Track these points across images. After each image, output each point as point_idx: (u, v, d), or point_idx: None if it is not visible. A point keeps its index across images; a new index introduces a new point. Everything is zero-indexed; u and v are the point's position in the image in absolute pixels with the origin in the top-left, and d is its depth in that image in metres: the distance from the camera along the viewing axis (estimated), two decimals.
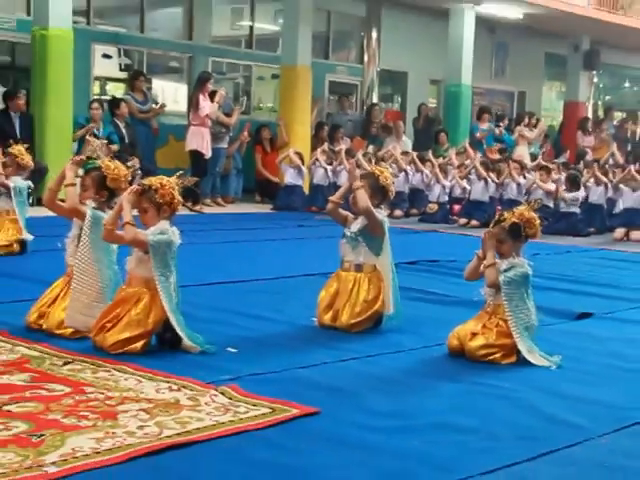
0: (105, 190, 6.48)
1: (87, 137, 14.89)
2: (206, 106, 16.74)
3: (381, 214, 7.00)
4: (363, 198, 6.80)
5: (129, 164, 7.41)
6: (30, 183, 10.22)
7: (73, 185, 6.49)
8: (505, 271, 6.09)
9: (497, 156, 19.31)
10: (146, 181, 6.14)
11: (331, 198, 7.19)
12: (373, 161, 16.12)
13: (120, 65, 19.54)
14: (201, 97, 16.82)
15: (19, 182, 9.94)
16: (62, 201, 6.65)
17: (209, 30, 20.86)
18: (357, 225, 6.96)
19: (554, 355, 6.08)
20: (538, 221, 6.27)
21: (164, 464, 3.97)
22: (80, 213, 6.42)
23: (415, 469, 4.01)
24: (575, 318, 7.71)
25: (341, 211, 7.17)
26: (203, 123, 16.73)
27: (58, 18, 15.22)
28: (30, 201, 10.10)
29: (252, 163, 18.74)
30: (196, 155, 16.35)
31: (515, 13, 22.68)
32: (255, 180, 18.86)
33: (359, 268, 6.93)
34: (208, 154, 16.58)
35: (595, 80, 28.29)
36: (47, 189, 6.87)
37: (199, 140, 16.64)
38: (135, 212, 6.02)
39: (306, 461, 4.08)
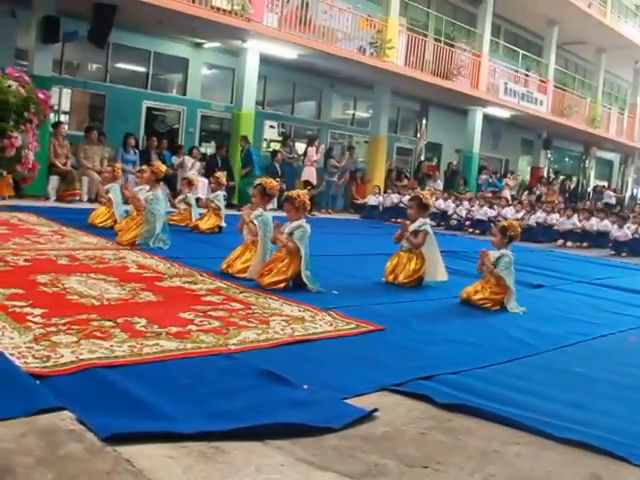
0: (266, 196, 6.55)
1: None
2: (313, 154, 16.66)
3: (427, 223, 6.92)
4: (417, 243, 6.74)
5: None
6: (225, 194, 10.36)
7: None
8: (498, 258, 6.06)
9: (490, 195, 19.02)
10: (290, 193, 6.21)
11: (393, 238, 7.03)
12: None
13: (279, 132, 19.64)
14: (310, 149, 16.76)
15: (220, 194, 10.13)
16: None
17: (330, 114, 20.85)
18: (412, 227, 6.88)
19: (522, 306, 5.99)
20: (519, 229, 6.27)
21: (295, 350, 3.97)
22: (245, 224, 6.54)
23: (439, 362, 3.96)
24: (534, 287, 7.58)
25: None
26: (312, 164, 16.64)
27: (247, 105, 15.34)
28: (225, 204, 10.19)
29: (349, 191, 18.66)
30: (307, 183, 16.07)
31: (505, 114, 22.30)
32: (351, 200, 18.79)
33: (411, 250, 6.86)
34: (315, 182, 16.37)
35: (549, 155, 27.78)
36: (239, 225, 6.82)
37: (309, 175, 16.53)
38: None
39: (375, 355, 4.05)
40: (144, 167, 8.69)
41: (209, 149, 17.28)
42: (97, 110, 15.64)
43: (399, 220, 6.76)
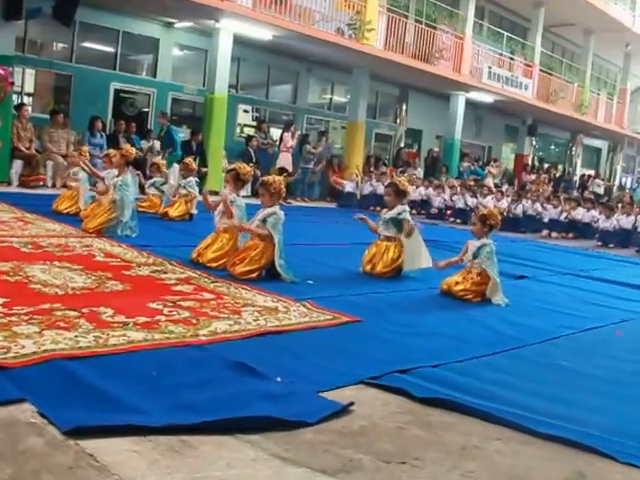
0: (239, 181, 6.52)
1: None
2: (289, 140, 16.64)
3: (406, 211, 6.93)
4: (408, 229, 6.76)
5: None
6: (197, 180, 10.31)
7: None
8: (479, 248, 6.09)
9: (472, 183, 19.10)
10: (265, 178, 6.20)
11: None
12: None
13: (253, 116, 19.56)
14: (285, 134, 16.77)
15: (192, 181, 10.10)
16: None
17: (306, 98, 20.80)
18: (389, 214, 6.90)
19: (505, 297, 6.02)
20: (499, 217, 6.32)
21: (268, 342, 3.96)
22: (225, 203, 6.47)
23: (417, 355, 3.96)
24: (516, 278, 7.62)
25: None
26: (287, 150, 16.65)
27: (220, 88, 15.25)
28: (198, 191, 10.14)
29: (325, 178, 18.60)
30: (282, 170, 15.72)
31: (489, 99, 22.35)
32: (327, 188, 18.75)
33: (389, 239, 6.88)
34: (290, 169, 16.13)
35: (533, 142, 27.84)
36: (203, 195, 6.92)
37: (285, 161, 16.50)
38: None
39: (353, 346, 4.05)
40: (110, 151, 8.61)
41: (181, 134, 17.14)
42: (62, 92, 15.45)
43: (360, 216, 6.75)
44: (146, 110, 16.84)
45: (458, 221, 15.47)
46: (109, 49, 16.09)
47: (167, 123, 15.23)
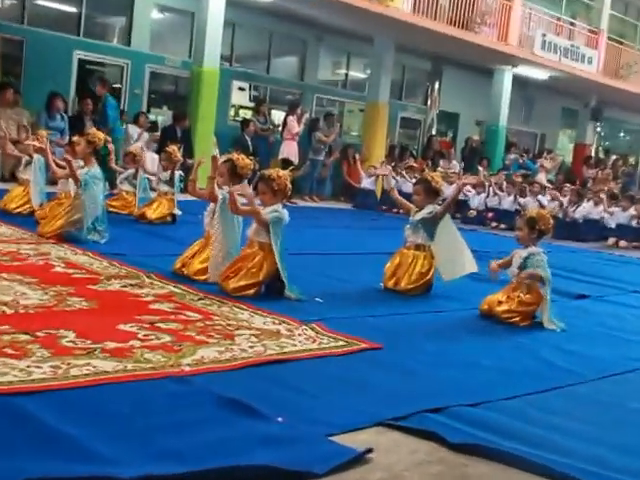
0: (236, 176, 6.54)
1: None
2: (295, 125, 16.67)
3: (435, 209, 6.98)
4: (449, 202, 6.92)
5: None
6: (182, 173, 10.34)
7: (213, 178, 6.53)
8: (525, 258, 6.11)
9: (520, 179, 19.09)
10: (267, 172, 6.21)
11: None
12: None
13: (250, 96, 19.64)
14: (290, 118, 16.75)
15: (177, 175, 10.16)
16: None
17: (316, 74, 20.88)
18: (419, 215, 6.93)
19: (561, 321, 6.02)
20: (552, 221, 6.35)
21: (265, 373, 3.96)
22: (215, 197, 6.47)
23: (451, 391, 3.96)
24: (575, 298, 7.62)
25: (406, 202, 7.24)
26: (293, 138, 16.67)
27: (210, 60, 15.37)
28: (182, 187, 10.17)
29: (339, 173, 18.67)
30: (286, 162, 15.76)
31: (542, 75, 22.36)
32: (341, 185, 18.80)
33: (418, 247, 6.91)
34: (296, 161, 16.22)
35: (598, 129, 27.80)
36: (190, 181, 6.95)
37: (289, 151, 16.53)
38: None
39: (369, 379, 4.06)
40: (75, 138, 8.62)
41: (160, 116, 17.22)
42: (11, 61, 15.39)
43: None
44: (118, 86, 16.82)
45: (502, 226, 15.46)
46: (71, 9, 16.16)
47: (105, 92, 14.34)
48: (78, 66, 16.10)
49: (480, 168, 18.84)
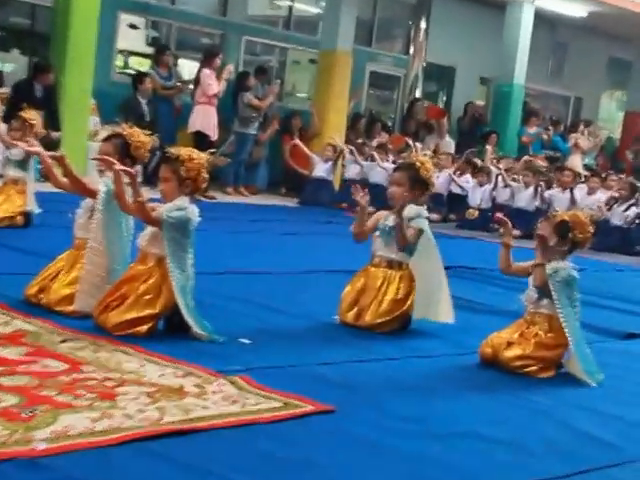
0: (128, 158, 6.49)
1: None
2: (213, 84, 16.65)
3: (422, 215, 7.00)
4: (406, 237, 6.82)
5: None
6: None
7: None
8: (550, 276, 6.09)
9: (545, 164, 19.19)
10: (174, 150, 6.16)
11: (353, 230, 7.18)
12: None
13: (147, 38, 19.59)
14: (207, 73, 16.72)
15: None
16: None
17: (245, 7, 20.90)
18: (392, 219, 6.94)
19: (599, 372, 6.06)
20: (592, 229, 6.27)
21: (162, 450, 3.93)
22: (91, 189, 6.43)
23: (433, 475, 4.00)
24: (623, 338, 7.70)
25: (368, 216, 7.21)
26: (210, 102, 16.69)
27: None
28: (41, 172, 10.11)
29: (279, 153, 18.70)
30: (200, 137, 16.10)
31: (579, 11, 22.60)
32: (282, 172, 18.82)
33: (390, 264, 6.93)
34: (214, 136, 16.43)
35: None
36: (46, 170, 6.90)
37: (205, 120, 16.57)
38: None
39: (316, 458, 4.06)
40: None
41: (9, 65, 17.08)
42: None
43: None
44: None
45: (516, 232, 15.39)
46: None
47: None
48: None
49: (488, 147, 18.97)
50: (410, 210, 6.93)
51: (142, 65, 18.65)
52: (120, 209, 6.15)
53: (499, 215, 6.27)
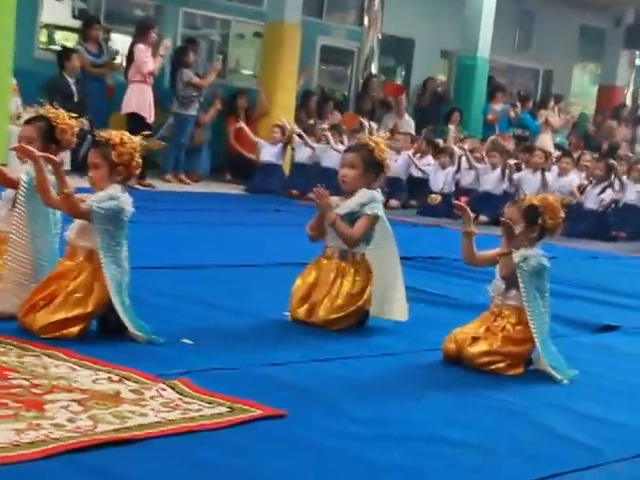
0: (53, 143, 6.46)
1: None
2: (149, 60, 16.59)
3: (377, 200, 7.00)
4: (350, 235, 6.84)
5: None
6: None
7: None
8: (517, 265, 6.10)
9: (511, 144, 19.29)
10: (105, 133, 6.13)
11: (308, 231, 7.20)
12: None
13: (73, 11, 19.50)
14: (142, 48, 16.64)
15: None
16: None
17: None
18: (345, 207, 6.95)
19: (571, 368, 6.11)
20: (563, 214, 6.29)
21: (96, 463, 3.92)
22: (11, 179, 6.39)
23: None
24: (598, 330, 7.74)
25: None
26: (145, 80, 16.62)
27: None
28: None
29: (222, 136, 18.67)
30: (135, 119, 16.01)
31: None
32: (226, 156, 18.81)
33: (344, 256, 6.94)
34: (151, 118, 16.41)
35: (638, 62, 28.17)
36: None
37: (140, 101, 16.52)
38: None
39: (267, 467, 4.06)
40: None
41: None
42: None
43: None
44: None
45: (483, 218, 15.45)
46: None
47: None
48: None
49: (450, 126, 19.03)
50: (363, 195, 6.94)
51: (69, 40, 18.60)
52: (44, 203, 6.10)
53: (457, 202, 6.21)
